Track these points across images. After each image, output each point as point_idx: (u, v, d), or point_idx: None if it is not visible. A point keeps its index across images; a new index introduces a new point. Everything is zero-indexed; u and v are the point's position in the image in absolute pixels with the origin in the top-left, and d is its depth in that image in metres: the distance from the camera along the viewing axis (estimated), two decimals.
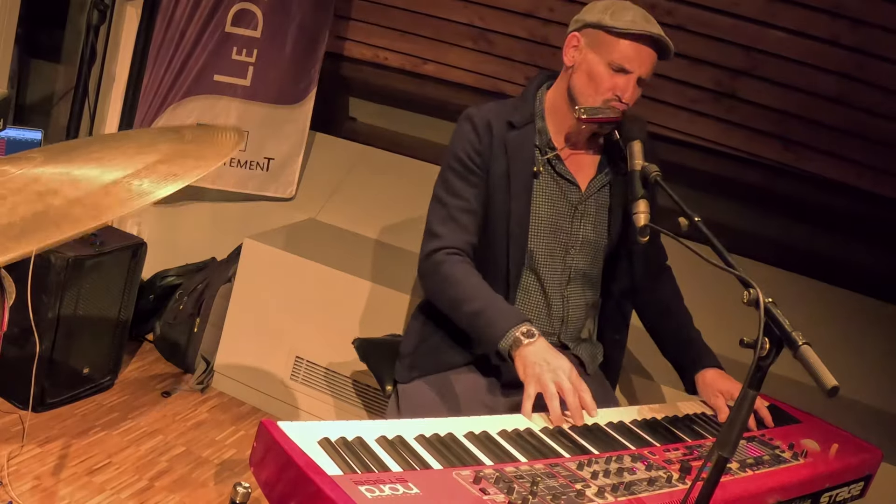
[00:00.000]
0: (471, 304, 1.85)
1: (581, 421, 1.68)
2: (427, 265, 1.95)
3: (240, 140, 1.44)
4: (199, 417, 3.05)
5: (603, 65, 1.88)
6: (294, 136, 3.58)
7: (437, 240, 1.95)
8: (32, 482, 2.42)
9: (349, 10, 3.70)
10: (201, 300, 3.32)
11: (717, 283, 2.15)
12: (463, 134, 1.98)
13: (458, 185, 1.96)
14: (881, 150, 3.07)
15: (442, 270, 1.91)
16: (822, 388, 1.29)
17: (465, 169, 1.96)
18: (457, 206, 1.96)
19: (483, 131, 1.96)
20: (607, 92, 1.89)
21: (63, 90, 3.64)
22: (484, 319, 1.82)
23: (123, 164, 1.29)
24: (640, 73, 1.88)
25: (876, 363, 2.96)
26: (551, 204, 2.00)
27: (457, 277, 1.89)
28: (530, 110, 2.01)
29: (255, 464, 1.36)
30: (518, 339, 1.75)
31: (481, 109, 2.00)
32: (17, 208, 1.18)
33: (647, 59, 1.87)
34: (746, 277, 1.42)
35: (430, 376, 2.01)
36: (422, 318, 2.12)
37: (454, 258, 1.92)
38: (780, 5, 3.03)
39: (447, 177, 1.98)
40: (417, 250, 1.99)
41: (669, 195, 1.71)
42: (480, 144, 1.95)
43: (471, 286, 1.88)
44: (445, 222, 1.95)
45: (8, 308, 1.39)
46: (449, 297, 1.91)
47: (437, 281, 1.92)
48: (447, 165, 1.99)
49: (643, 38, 1.85)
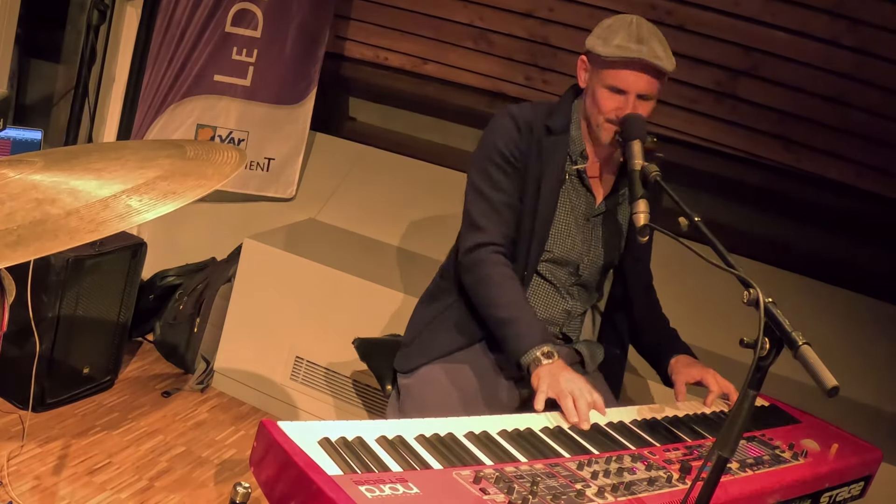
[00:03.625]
0: (503, 311, 1.93)
1: (585, 425, 1.70)
2: (469, 260, 2.01)
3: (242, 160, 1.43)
4: (199, 417, 3.05)
5: (601, 87, 1.93)
6: (294, 136, 3.58)
7: (480, 233, 2.00)
8: (32, 482, 2.42)
9: (349, 10, 3.70)
10: (201, 300, 3.32)
11: (717, 283, 2.15)
12: (505, 129, 2.02)
13: (499, 179, 2.01)
14: (881, 150, 3.07)
15: (483, 269, 1.98)
16: (822, 388, 1.30)
17: (507, 163, 2.01)
18: (499, 199, 2.01)
19: (525, 130, 2.01)
20: (609, 112, 1.93)
21: (63, 90, 3.64)
22: (512, 329, 1.90)
23: (123, 178, 1.29)
24: (637, 92, 1.91)
25: (876, 363, 2.96)
26: (572, 212, 2.05)
27: (495, 280, 1.96)
28: (567, 118, 2.05)
29: (255, 464, 1.36)
30: (538, 359, 1.83)
31: (522, 109, 2.05)
32: (15, 214, 1.17)
33: (640, 80, 1.90)
34: (746, 277, 1.42)
35: (432, 365, 2.03)
36: (423, 310, 2.17)
37: (496, 258, 1.98)
38: (780, 5, 3.03)
39: (488, 169, 2.02)
40: (418, 250, 2.00)
41: (669, 195, 1.71)
42: (521, 141, 2.01)
43: (506, 292, 1.95)
44: (488, 215, 2.01)
45: (8, 307, 1.39)
46: (484, 296, 1.98)
47: (477, 278, 1.99)
48: (487, 158, 2.02)
49: (631, 63, 1.88)
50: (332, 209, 3.61)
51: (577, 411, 1.71)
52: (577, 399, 1.72)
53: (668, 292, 2.29)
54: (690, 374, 2.02)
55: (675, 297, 2.34)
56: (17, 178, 1.28)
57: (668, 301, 2.26)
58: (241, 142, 3.46)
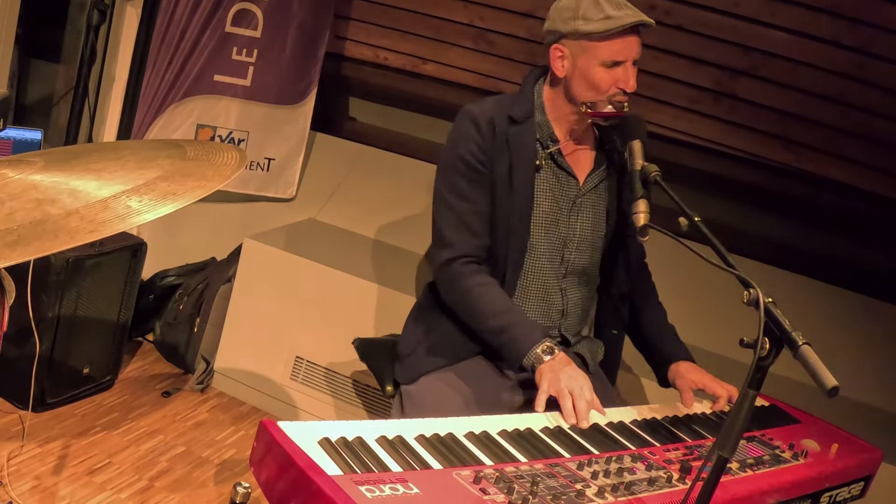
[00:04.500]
0: (494, 320, 1.90)
1: (584, 424, 1.70)
2: (444, 276, 1.97)
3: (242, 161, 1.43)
4: (199, 417, 3.05)
5: (596, 66, 1.89)
6: (294, 136, 3.58)
7: (450, 249, 1.95)
8: (32, 482, 2.42)
9: (349, 10, 3.70)
10: (201, 300, 3.32)
11: (718, 283, 2.15)
12: (466, 133, 1.96)
13: (465, 188, 1.95)
14: (881, 150, 3.07)
15: (461, 284, 1.94)
16: (822, 388, 1.29)
17: (471, 170, 1.95)
18: (466, 209, 1.95)
19: (486, 128, 1.95)
20: (611, 88, 1.90)
21: (63, 90, 3.64)
22: (507, 336, 1.88)
23: (123, 179, 1.30)
24: (632, 58, 1.90)
25: (876, 363, 2.96)
26: (552, 198, 2.00)
27: (477, 291, 1.93)
28: (530, 105, 2.01)
29: (255, 464, 1.36)
30: (539, 357, 1.83)
31: (481, 106, 1.99)
32: (15, 214, 1.18)
33: (635, 44, 1.89)
34: (746, 277, 1.42)
35: (436, 373, 2.01)
36: (418, 317, 2.13)
37: (471, 268, 1.94)
38: (780, 5, 3.03)
39: (452, 179, 1.96)
40: (418, 250, 2.00)
41: (669, 195, 1.71)
42: (484, 142, 1.95)
43: (492, 300, 1.92)
44: (456, 228, 1.96)
45: (8, 307, 1.39)
46: (471, 310, 1.94)
47: (458, 294, 1.96)
48: (451, 167, 1.97)
49: (626, 30, 1.86)
50: (332, 209, 3.61)
51: (575, 411, 1.70)
52: (576, 398, 1.72)
53: (669, 292, 2.29)
54: (693, 380, 2.00)
55: (675, 297, 2.33)
56: (17, 178, 1.29)
57: (668, 301, 2.26)
58: (241, 142, 3.46)
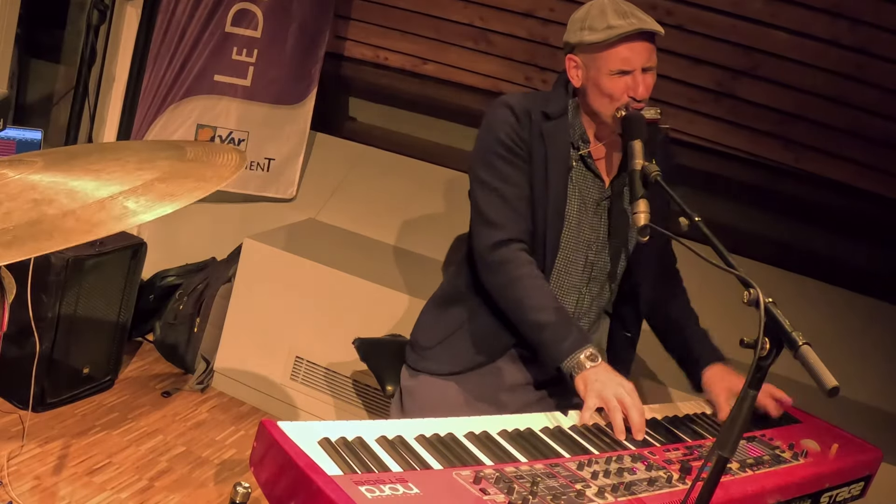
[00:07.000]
0: (537, 314, 1.85)
1: (641, 436, 1.68)
2: (493, 259, 1.92)
3: (241, 163, 1.42)
4: (199, 417, 3.05)
5: (605, 76, 1.88)
6: (294, 136, 3.58)
7: (498, 230, 1.91)
8: (32, 482, 2.42)
9: (349, 10, 3.70)
10: (201, 300, 3.32)
11: (718, 283, 2.15)
12: (504, 118, 1.94)
13: (507, 171, 1.93)
14: (881, 150, 3.07)
15: (512, 271, 1.89)
16: (822, 388, 1.29)
17: (511, 153, 1.93)
18: (511, 192, 1.92)
19: (523, 118, 1.94)
20: (622, 96, 1.88)
21: (63, 90, 3.64)
22: (549, 334, 1.83)
23: (121, 180, 1.29)
24: (641, 66, 1.87)
25: (876, 363, 2.96)
26: (581, 198, 1.98)
27: (528, 282, 1.88)
28: (564, 103, 1.99)
29: (255, 464, 1.36)
30: (582, 363, 1.77)
31: (516, 97, 1.98)
32: (12, 214, 1.18)
33: (643, 51, 1.86)
34: (746, 277, 1.42)
35: (443, 378, 2.00)
36: (441, 313, 2.09)
37: (522, 256, 1.90)
38: (780, 5, 3.03)
39: (493, 162, 1.93)
40: (418, 250, 1.99)
41: (669, 195, 1.71)
42: (522, 129, 1.93)
43: (541, 294, 1.88)
44: (503, 210, 1.92)
45: (8, 307, 1.39)
46: (516, 299, 1.90)
47: (506, 279, 1.91)
48: (490, 151, 1.94)
49: (627, 38, 1.84)
50: (332, 209, 3.61)
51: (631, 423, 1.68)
52: (628, 408, 1.68)
53: None
54: (730, 388, 1.95)
55: None
56: (16, 178, 1.29)
57: None
58: (242, 142, 3.46)
